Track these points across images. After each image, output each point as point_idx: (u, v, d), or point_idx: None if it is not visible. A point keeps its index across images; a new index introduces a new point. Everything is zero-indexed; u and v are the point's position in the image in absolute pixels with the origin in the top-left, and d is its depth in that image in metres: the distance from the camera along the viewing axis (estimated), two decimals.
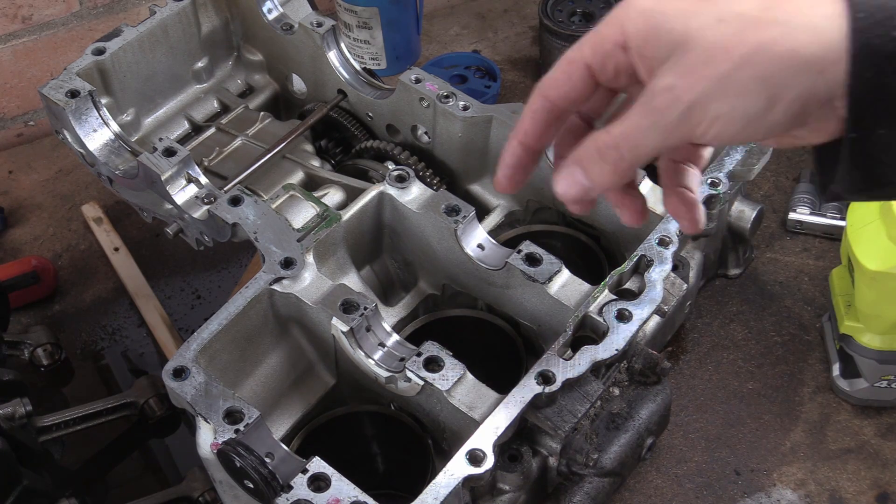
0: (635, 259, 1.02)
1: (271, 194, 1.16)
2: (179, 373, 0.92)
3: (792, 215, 1.39)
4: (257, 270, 1.02)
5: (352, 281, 1.11)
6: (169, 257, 1.45)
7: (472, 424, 0.91)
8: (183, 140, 1.33)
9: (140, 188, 1.17)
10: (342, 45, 1.28)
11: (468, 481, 0.86)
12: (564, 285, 1.02)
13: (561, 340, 0.95)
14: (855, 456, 1.18)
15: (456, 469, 0.86)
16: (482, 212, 1.22)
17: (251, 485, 0.85)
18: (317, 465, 0.86)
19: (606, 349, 0.95)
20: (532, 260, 1.02)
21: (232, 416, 0.88)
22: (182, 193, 1.12)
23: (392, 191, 1.08)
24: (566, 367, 0.93)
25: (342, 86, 1.29)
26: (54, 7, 1.56)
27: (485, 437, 0.88)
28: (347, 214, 1.08)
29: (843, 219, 1.37)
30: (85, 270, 1.44)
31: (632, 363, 1.04)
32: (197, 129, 1.36)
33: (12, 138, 1.67)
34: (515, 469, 0.95)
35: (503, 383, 0.94)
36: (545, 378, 0.92)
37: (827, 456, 1.18)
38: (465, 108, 1.18)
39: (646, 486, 1.16)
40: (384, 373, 0.96)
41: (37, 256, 1.40)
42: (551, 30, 1.55)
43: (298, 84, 1.38)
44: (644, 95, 0.61)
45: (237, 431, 0.87)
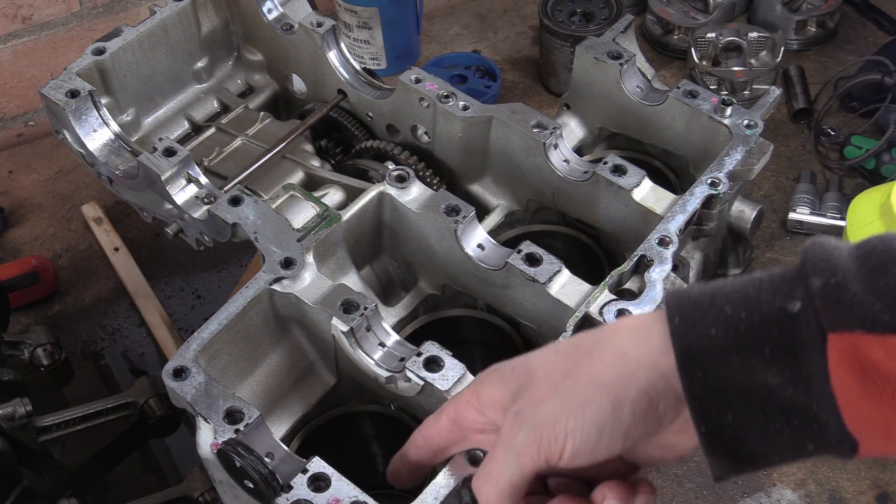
0: (635, 259, 1.02)
1: (271, 194, 1.16)
2: (179, 373, 0.92)
3: (792, 215, 1.40)
4: (257, 270, 1.01)
5: (352, 281, 1.11)
6: (169, 257, 1.45)
7: None
8: (183, 140, 1.34)
9: (140, 188, 1.17)
10: (342, 45, 1.28)
11: (468, 481, 0.86)
12: (564, 285, 1.02)
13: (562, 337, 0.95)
14: None
15: (456, 469, 0.86)
16: (482, 212, 1.22)
17: (251, 485, 0.85)
18: (317, 465, 0.86)
19: None
20: (532, 260, 1.02)
21: (232, 416, 0.88)
22: (182, 193, 1.12)
23: (392, 191, 1.08)
24: None
25: (342, 86, 1.29)
26: (54, 7, 1.56)
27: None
28: (347, 214, 1.08)
29: (843, 219, 1.37)
30: (85, 270, 1.44)
31: None
32: (197, 129, 1.36)
33: (12, 138, 1.67)
34: None
35: None
36: None
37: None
38: (465, 108, 1.18)
39: None
40: (384, 373, 0.96)
41: (37, 256, 1.40)
42: (551, 30, 1.55)
43: (298, 84, 1.38)
44: (499, 433, 0.66)
45: (237, 431, 0.87)
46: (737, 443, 0.61)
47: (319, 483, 0.85)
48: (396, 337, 0.99)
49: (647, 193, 1.10)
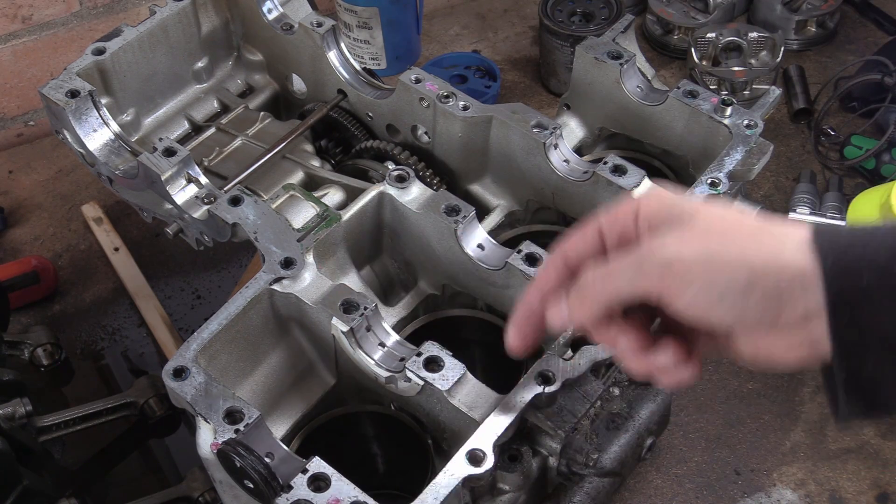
0: None
1: (271, 194, 1.16)
2: (179, 373, 0.92)
3: (792, 215, 1.39)
4: (257, 270, 1.01)
5: (352, 281, 1.11)
6: (169, 257, 1.45)
7: (472, 424, 0.91)
8: (183, 140, 1.33)
9: (140, 188, 1.17)
10: (342, 45, 1.28)
11: (468, 481, 0.86)
12: None
13: (561, 340, 0.95)
14: (855, 456, 1.18)
15: (456, 469, 0.86)
16: (482, 212, 1.22)
17: (251, 485, 0.85)
18: (317, 465, 0.86)
19: (606, 349, 0.95)
20: (532, 260, 1.02)
21: (232, 416, 0.88)
22: (182, 193, 1.12)
23: (392, 191, 1.08)
24: (566, 367, 0.93)
25: (342, 86, 1.29)
26: (54, 7, 1.56)
27: (485, 437, 0.88)
28: (347, 214, 1.08)
29: (843, 219, 1.37)
30: (85, 270, 1.44)
31: None
32: (197, 129, 1.36)
33: (12, 138, 1.67)
34: (515, 469, 0.95)
35: (503, 383, 0.94)
36: (545, 378, 0.92)
37: (827, 456, 1.18)
38: (465, 108, 1.18)
39: (646, 486, 1.16)
40: (384, 373, 0.96)
41: (37, 256, 1.41)
42: (551, 30, 1.55)
43: (298, 84, 1.38)
44: (636, 246, 0.67)
45: (237, 431, 0.87)
46: (873, 390, 0.63)
47: (319, 483, 0.85)
48: (396, 337, 0.99)
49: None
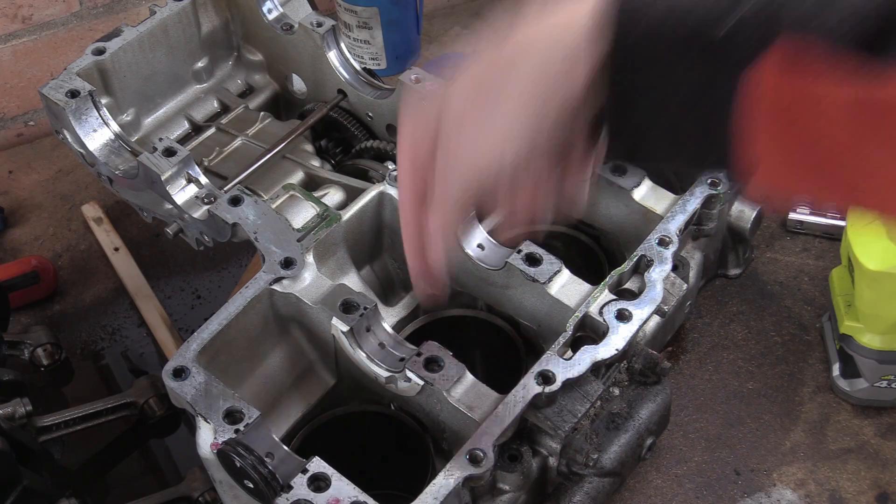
0: (635, 259, 1.02)
1: (271, 194, 1.16)
2: (179, 373, 0.92)
3: (792, 215, 1.39)
4: (257, 270, 1.02)
5: (352, 281, 1.11)
6: (169, 257, 1.45)
7: (472, 424, 0.91)
8: (183, 140, 1.33)
9: (140, 188, 1.17)
10: (342, 45, 1.28)
11: (468, 481, 0.86)
12: (564, 285, 1.02)
13: (561, 340, 0.95)
14: (855, 456, 1.18)
15: (456, 469, 0.86)
16: None
17: (251, 485, 0.85)
18: (317, 465, 0.86)
19: (606, 349, 0.95)
20: (532, 260, 1.02)
21: (232, 416, 0.88)
22: (182, 193, 1.12)
23: (392, 191, 1.08)
24: (566, 367, 0.93)
25: (342, 86, 1.29)
26: (54, 7, 1.56)
27: (485, 437, 0.88)
28: (347, 214, 1.08)
29: (844, 219, 1.37)
30: (85, 270, 1.44)
31: (632, 363, 1.04)
32: (197, 129, 1.36)
33: (12, 138, 1.67)
34: (515, 469, 0.95)
35: (503, 383, 0.94)
36: (545, 378, 0.92)
37: (827, 456, 1.18)
38: None
39: (646, 486, 1.16)
40: (384, 373, 0.96)
41: (37, 256, 1.40)
42: None
43: (298, 84, 1.38)
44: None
45: (237, 431, 0.87)
46: (632, 106, 0.61)
47: (319, 483, 0.85)
48: (396, 337, 0.99)
49: (647, 193, 1.10)
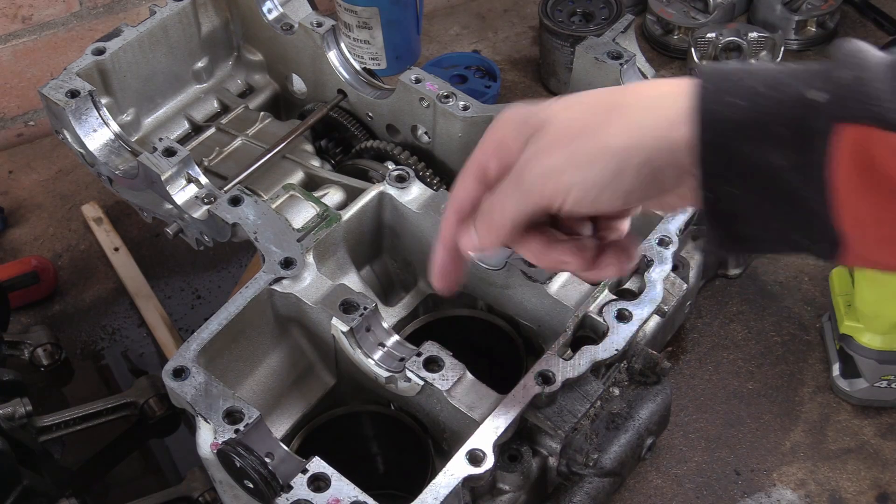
0: None
1: (271, 194, 1.16)
2: (179, 373, 0.92)
3: None
4: (257, 270, 1.02)
5: (352, 281, 1.11)
6: (169, 257, 1.45)
7: (472, 424, 0.91)
8: (183, 140, 1.33)
9: (140, 188, 1.17)
10: (342, 45, 1.28)
11: (468, 481, 0.86)
12: (564, 285, 1.02)
13: (561, 340, 0.95)
14: (855, 456, 1.18)
15: (456, 469, 0.86)
16: None
17: (251, 485, 0.85)
18: (317, 465, 0.86)
19: (606, 349, 0.95)
20: None
21: (232, 416, 0.88)
22: (182, 193, 1.12)
23: (392, 191, 1.08)
24: (566, 367, 0.93)
25: (342, 86, 1.29)
26: (54, 7, 1.56)
27: (485, 437, 0.88)
28: (347, 214, 1.08)
29: None
30: (85, 270, 1.44)
31: (632, 363, 1.04)
32: (197, 129, 1.36)
33: (12, 138, 1.67)
34: (515, 469, 0.95)
35: (503, 383, 0.94)
36: (545, 378, 0.92)
37: (827, 456, 1.18)
38: (465, 108, 1.18)
39: (646, 486, 1.16)
40: (384, 373, 0.96)
41: (37, 256, 1.40)
42: (551, 30, 1.55)
43: (298, 84, 1.38)
44: (511, 170, 0.70)
45: (237, 431, 0.87)
46: (731, 216, 0.64)
47: (319, 483, 0.85)
48: (396, 337, 0.99)
49: None
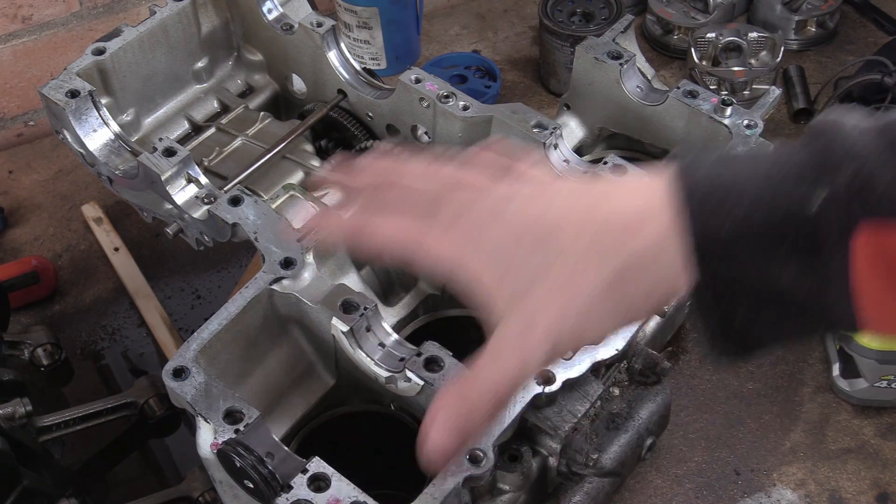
0: None
1: (271, 194, 1.16)
2: (179, 373, 0.92)
3: None
4: (257, 270, 1.01)
5: (352, 281, 1.11)
6: (169, 257, 1.45)
7: None
8: (183, 140, 1.33)
9: (140, 188, 1.17)
10: (342, 45, 1.28)
11: (468, 481, 0.86)
12: None
13: None
14: (855, 456, 1.18)
15: (456, 469, 0.86)
16: None
17: (251, 485, 0.85)
18: (317, 465, 0.86)
19: (606, 349, 0.95)
20: None
21: (232, 416, 0.88)
22: (182, 193, 1.12)
23: None
24: (566, 367, 0.93)
25: (342, 86, 1.29)
26: (54, 7, 1.56)
27: (485, 437, 0.88)
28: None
29: None
30: (85, 270, 1.44)
31: (632, 363, 1.04)
32: (197, 129, 1.36)
33: (12, 138, 1.67)
34: (515, 469, 0.95)
35: None
36: (545, 378, 0.92)
37: (827, 456, 1.18)
38: (465, 108, 1.18)
39: (646, 486, 1.16)
40: (384, 373, 0.96)
41: (37, 256, 1.40)
42: (551, 30, 1.55)
43: (298, 84, 1.38)
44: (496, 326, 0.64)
45: (237, 431, 0.87)
46: (746, 334, 0.61)
47: (319, 483, 0.85)
48: (396, 337, 0.99)
49: None
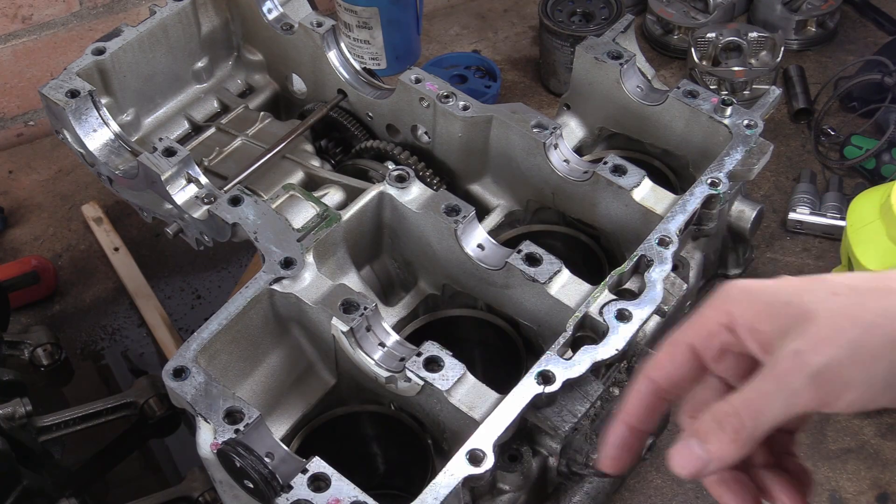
0: (635, 259, 1.02)
1: (271, 194, 1.16)
2: (179, 373, 0.92)
3: (792, 215, 1.39)
4: (257, 270, 1.01)
5: (352, 281, 1.11)
6: (169, 257, 1.45)
7: (472, 424, 0.91)
8: (183, 140, 1.33)
9: (140, 188, 1.17)
10: (342, 45, 1.28)
11: (468, 481, 0.86)
12: (564, 285, 1.02)
13: (561, 340, 0.95)
14: (855, 456, 1.18)
15: (456, 469, 0.86)
16: (482, 212, 1.22)
17: (251, 485, 0.85)
18: (317, 465, 0.86)
19: (606, 349, 0.95)
20: (532, 260, 1.02)
21: (232, 416, 0.88)
22: (182, 193, 1.12)
23: (392, 191, 1.08)
24: (566, 367, 0.93)
25: (342, 86, 1.29)
26: (54, 7, 1.56)
27: (485, 437, 0.88)
28: (347, 214, 1.08)
29: (843, 219, 1.37)
30: (85, 270, 1.44)
31: (632, 363, 1.04)
32: (197, 129, 1.36)
33: (12, 138, 1.67)
34: (515, 469, 0.95)
35: (503, 383, 0.94)
36: (545, 378, 0.92)
37: (827, 456, 1.18)
38: (465, 108, 1.18)
39: (646, 486, 1.16)
40: (384, 373, 0.96)
41: (37, 256, 1.41)
42: (551, 30, 1.55)
43: (298, 84, 1.38)
44: (767, 363, 0.60)
45: (237, 431, 0.87)
46: None
47: (319, 483, 0.85)
48: (396, 337, 0.99)
49: (647, 193, 1.10)
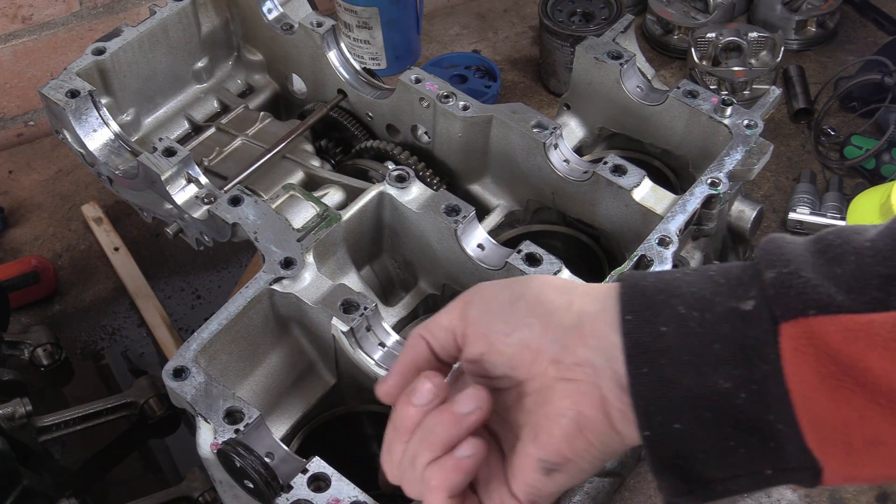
0: (635, 259, 1.02)
1: (271, 194, 1.16)
2: (179, 373, 0.92)
3: (792, 215, 1.40)
4: (257, 270, 1.02)
5: (352, 281, 1.11)
6: (169, 257, 1.45)
7: None
8: (183, 140, 1.33)
9: (140, 188, 1.17)
10: (342, 45, 1.28)
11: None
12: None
13: None
14: None
15: None
16: (482, 212, 1.22)
17: (251, 485, 0.85)
18: (317, 465, 0.86)
19: None
20: (532, 260, 1.02)
21: (232, 416, 0.88)
22: (182, 193, 1.12)
23: (392, 191, 1.08)
24: None
25: (342, 86, 1.29)
26: (54, 7, 1.56)
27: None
28: (347, 214, 1.08)
29: (844, 219, 1.37)
30: (85, 270, 1.44)
31: None
32: (197, 129, 1.36)
33: (12, 138, 1.67)
34: None
35: None
36: None
37: None
38: (465, 108, 1.18)
39: (646, 486, 1.16)
40: (384, 373, 0.96)
41: (37, 256, 1.40)
42: (551, 30, 1.55)
43: (298, 84, 1.38)
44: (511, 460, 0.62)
45: (237, 431, 0.87)
46: (686, 459, 0.56)
47: (319, 483, 0.85)
48: (396, 337, 0.99)
49: (647, 193, 1.10)
